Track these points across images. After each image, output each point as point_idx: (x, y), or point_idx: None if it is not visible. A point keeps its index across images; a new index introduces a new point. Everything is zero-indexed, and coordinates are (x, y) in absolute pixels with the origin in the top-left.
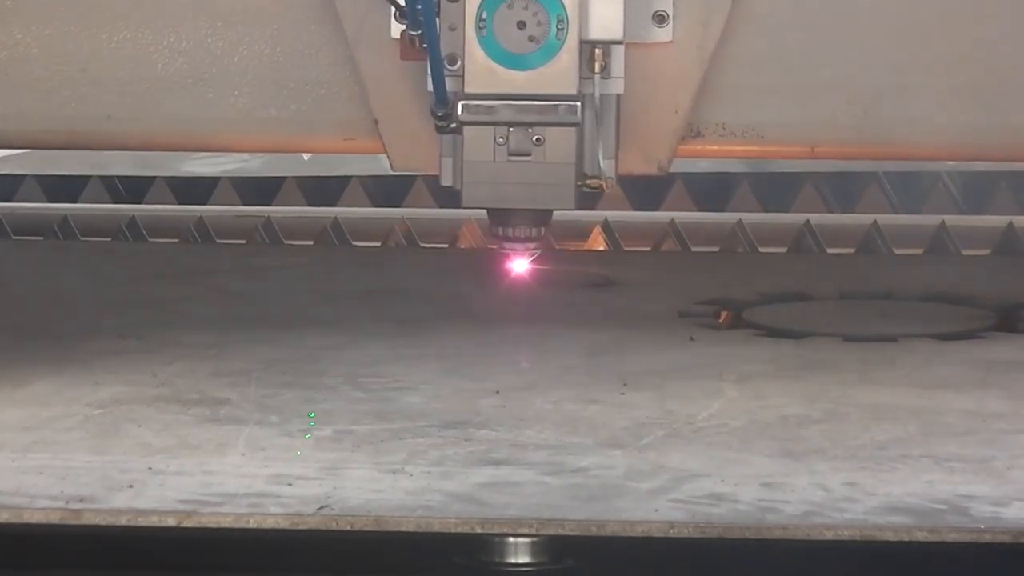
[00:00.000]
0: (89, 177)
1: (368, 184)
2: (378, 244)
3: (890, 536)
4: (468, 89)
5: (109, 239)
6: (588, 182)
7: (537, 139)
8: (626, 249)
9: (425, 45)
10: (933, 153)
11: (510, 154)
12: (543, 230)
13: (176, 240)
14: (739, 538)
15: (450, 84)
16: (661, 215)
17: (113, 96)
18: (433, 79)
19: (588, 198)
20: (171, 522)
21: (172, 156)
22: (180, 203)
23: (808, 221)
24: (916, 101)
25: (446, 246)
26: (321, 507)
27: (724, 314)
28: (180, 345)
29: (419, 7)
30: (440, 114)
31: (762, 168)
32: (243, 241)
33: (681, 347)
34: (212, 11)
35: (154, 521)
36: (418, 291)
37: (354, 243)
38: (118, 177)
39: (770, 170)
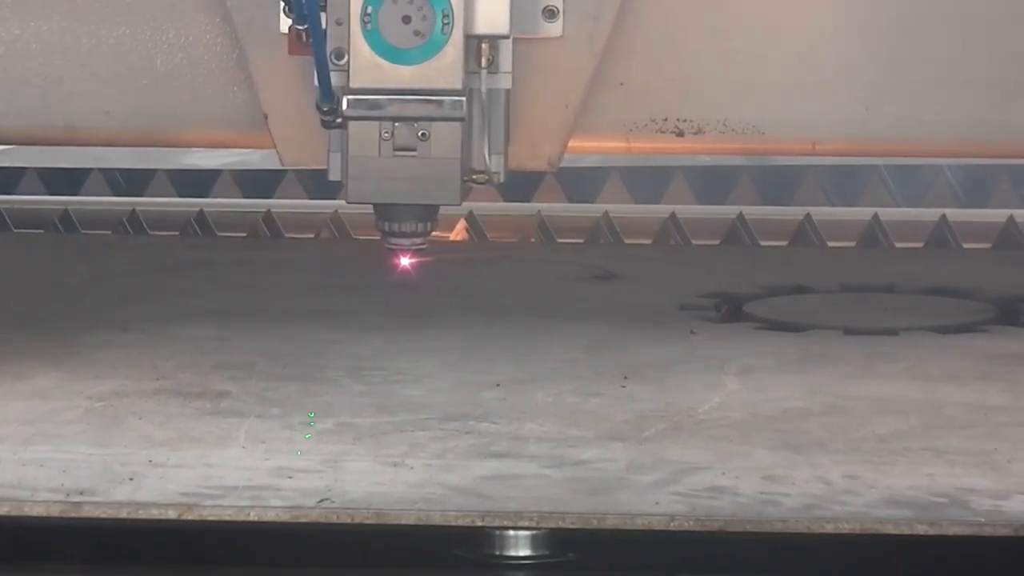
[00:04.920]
0: (90, 170)
1: None
2: (379, 237)
3: (891, 529)
4: (353, 84)
5: (110, 232)
6: (475, 177)
7: (422, 134)
8: (627, 242)
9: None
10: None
11: (395, 149)
12: (429, 226)
13: (177, 233)
14: (740, 531)
15: (337, 79)
16: (662, 208)
17: (112, 91)
18: (318, 74)
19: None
20: (172, 515)
21: (172, 149)
22: (181, 196)
23: (809, 214)
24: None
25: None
26: (322, 500)
27: (725, 307)
28: (181, 338)
29: (304, 1)
30: (326, 109)
31: (763, 161)
32: (244, 234)
33: (682, 340)
34: (211, 6)
35: (155, 514)
36: (419, 284)
37: (355, 236)
38: (119, 170)
39: (772, 163)
